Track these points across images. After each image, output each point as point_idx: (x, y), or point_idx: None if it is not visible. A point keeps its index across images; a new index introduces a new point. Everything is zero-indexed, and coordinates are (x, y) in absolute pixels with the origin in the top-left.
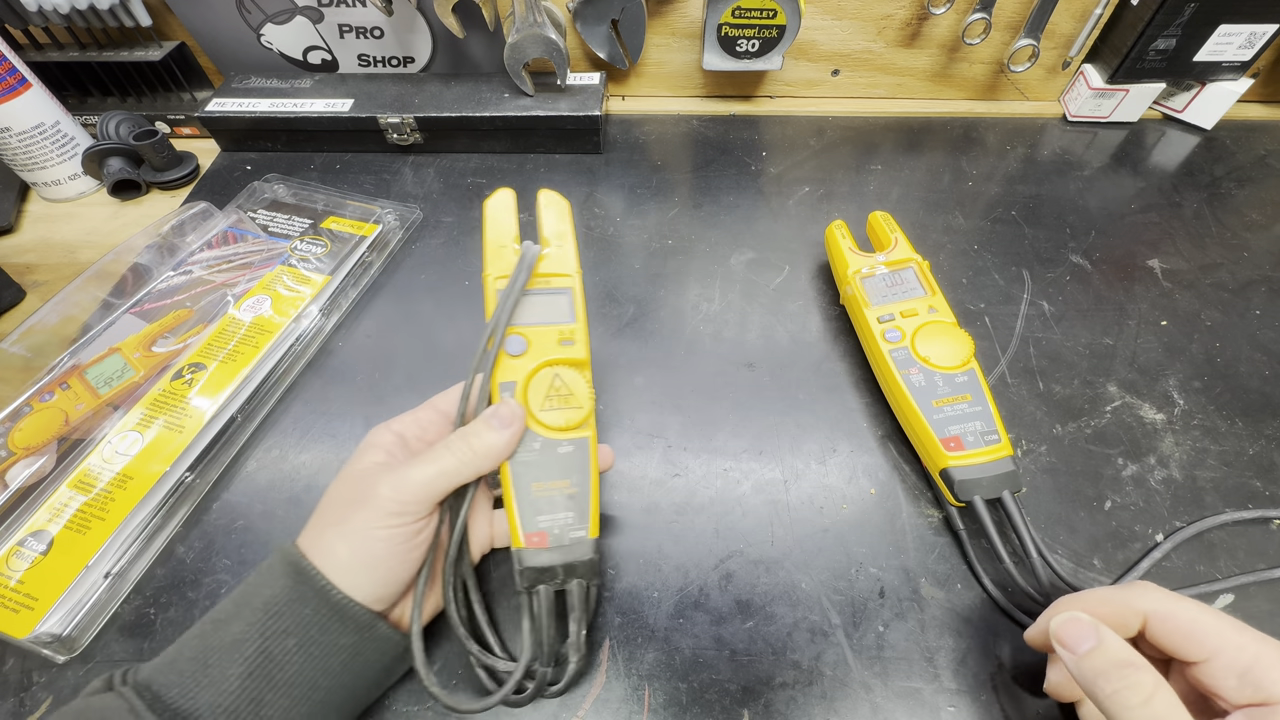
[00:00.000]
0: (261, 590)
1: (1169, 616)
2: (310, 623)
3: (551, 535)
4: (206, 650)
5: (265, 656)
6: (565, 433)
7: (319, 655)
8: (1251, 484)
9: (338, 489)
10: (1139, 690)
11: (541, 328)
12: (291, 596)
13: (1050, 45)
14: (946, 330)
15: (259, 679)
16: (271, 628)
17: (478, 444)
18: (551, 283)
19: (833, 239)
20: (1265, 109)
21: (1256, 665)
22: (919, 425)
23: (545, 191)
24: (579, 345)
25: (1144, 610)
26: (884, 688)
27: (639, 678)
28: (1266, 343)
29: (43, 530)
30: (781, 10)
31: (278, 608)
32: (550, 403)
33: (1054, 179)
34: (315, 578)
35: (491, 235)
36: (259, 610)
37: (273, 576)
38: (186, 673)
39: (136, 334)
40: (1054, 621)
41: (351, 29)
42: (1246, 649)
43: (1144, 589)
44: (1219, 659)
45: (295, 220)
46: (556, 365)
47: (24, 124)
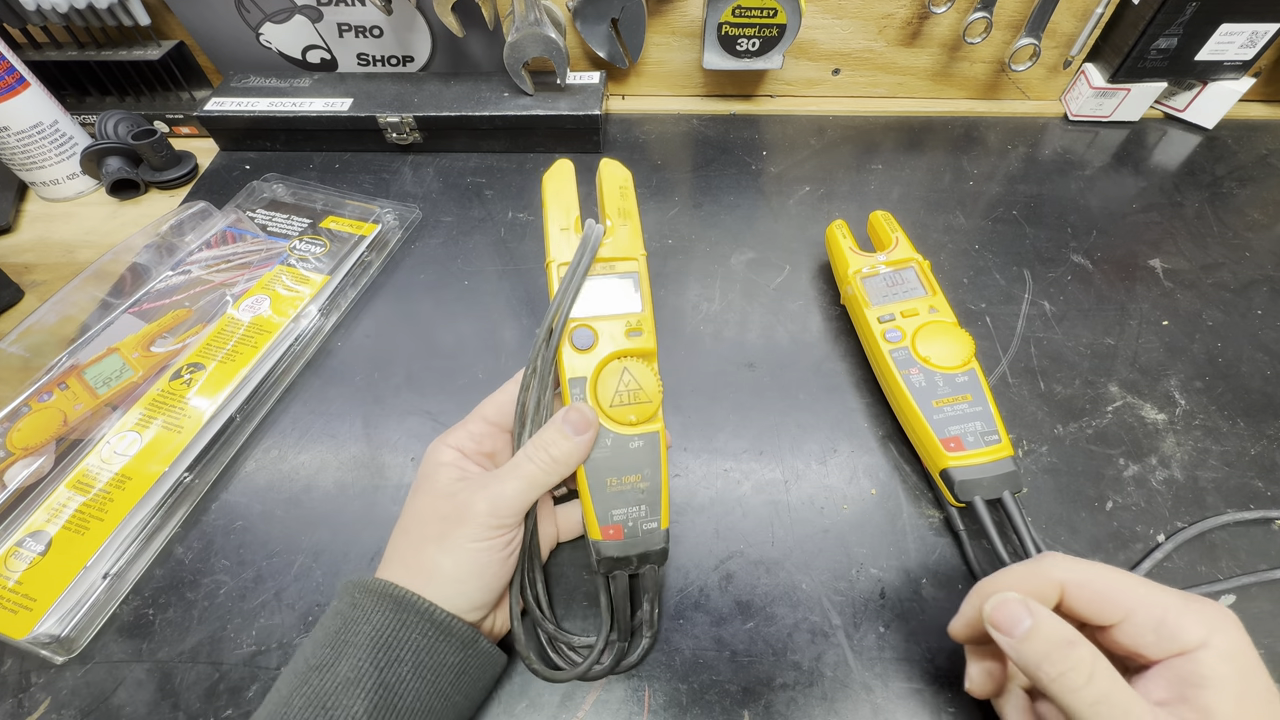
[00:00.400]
0: (360, 627)
1: (1086, 583)
2: (420, 646)
3: (626, 528)
4: (321, 695)
5: (384, 688)
6: (636, 427)
7: (431, 677)
8: (1253, 484)
9: (425, 507)
10: (1081, 669)
11: (608, 318)
12: (396, 625)
13: (1051, 44)
14: (947, 330)
15: (383, 710)
16: (384, 659)
17: (556, 453)
18: (616, 266)
19: (833, 238)
20: (1267, 108)
21: (1168, 617)
22: (919, 425)
23: (607, 161)
24: (647, 335)
25: (1060, 580)
26: (885, 689)
27: (639, 678)
28: (1268, 343)
29: (41, 531)
30: (782, 9)
31: (385, 639)
32: (620, 398)
33: (1055, 178)
34: (417, 602)
35: (553, 215)
36: (366, 646)
37: (366, 612)
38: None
39: (135, 334)
40: (987, 606)
41: (351, 28)
42: (1158, 603)
43: (1054, 559)
44: (1134, 617)
45: (294, 220)
46: (625, 358)
47: (22, 123)
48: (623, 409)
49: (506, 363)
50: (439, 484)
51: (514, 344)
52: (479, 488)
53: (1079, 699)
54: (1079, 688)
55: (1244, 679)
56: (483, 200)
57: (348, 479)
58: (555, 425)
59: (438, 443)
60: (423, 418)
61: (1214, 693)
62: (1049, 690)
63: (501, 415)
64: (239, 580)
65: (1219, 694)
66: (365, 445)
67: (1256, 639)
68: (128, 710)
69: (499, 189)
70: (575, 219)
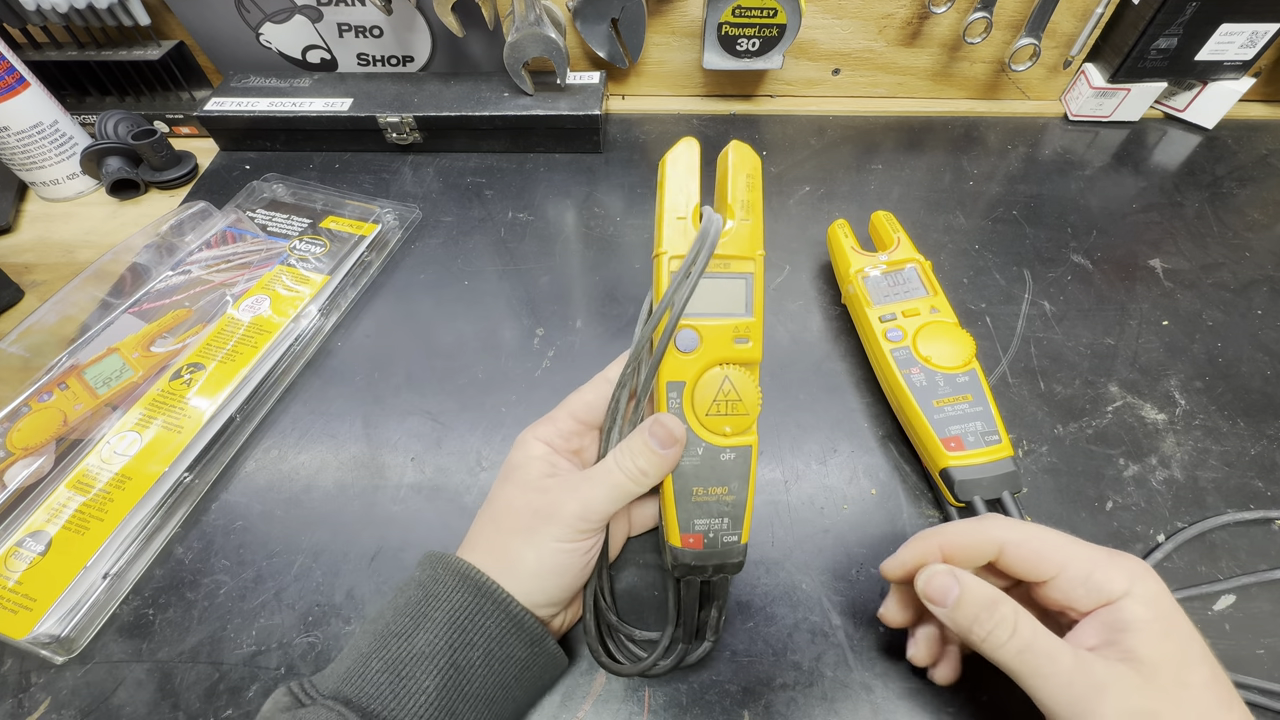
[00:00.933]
0: (440, 604)
1: (1022, 543)
2: (492, 635)
3: (706, 539)
4: (397, 662)
5: (456, 669)
6: (730, 439)
7: (499, 668)
8: (1253, 484)
9: (516, 498)
10: (1005, 625)
11: (715, 321)
12: (474, 610)
13: (1051, 44)
14: (948, 330)
15: (452, 692)
16: (459, 640)
17: (644, 464)
18: (731, 265)
19: (835, 238)
20: (1267, 108)
21: (1095, 570)
22: (920, 425)
23: (738, 145)
24: (755, 343)
25: (999, 539)
26: (885, 689)
27: (639, 679)
28: (1268, 343)
29: (41, 531)
30: (782, 9)
31: (462, 621)
32: (718, 408)
33: (1055, 178)
34: (495, 590)
35: (670, 201)
36: (444, 624)
37: (447, 589)
38: (383, 684)
39: (135, 334)
40: (919, 580)
41: (351, 28)
42: (1086, 559)
43: (995, 520)
44: (1065, 572)
45: (294, 220)
46: (728, 366)
47: (22, 123)
48: (718, 419)
49: (506, 363)
50: (530, 476)
51: (514, 344)
52: (571, 489)
53: (1006, 651)
54: (1005, 642)
55: (1162, 621)
56: (483, 200)
57: (348, 479)
58: (641, 436)
59: (528, 434)
60: (423, 418)
61: (1136, 635)
62: (981, 649)
63: (591, 414)
64: (239, 580)
65: (1141, 635)
66: (365, 445)
67: (1257, 639)
68: (128, 710)
69: (499, 189)
70: (695, 208)
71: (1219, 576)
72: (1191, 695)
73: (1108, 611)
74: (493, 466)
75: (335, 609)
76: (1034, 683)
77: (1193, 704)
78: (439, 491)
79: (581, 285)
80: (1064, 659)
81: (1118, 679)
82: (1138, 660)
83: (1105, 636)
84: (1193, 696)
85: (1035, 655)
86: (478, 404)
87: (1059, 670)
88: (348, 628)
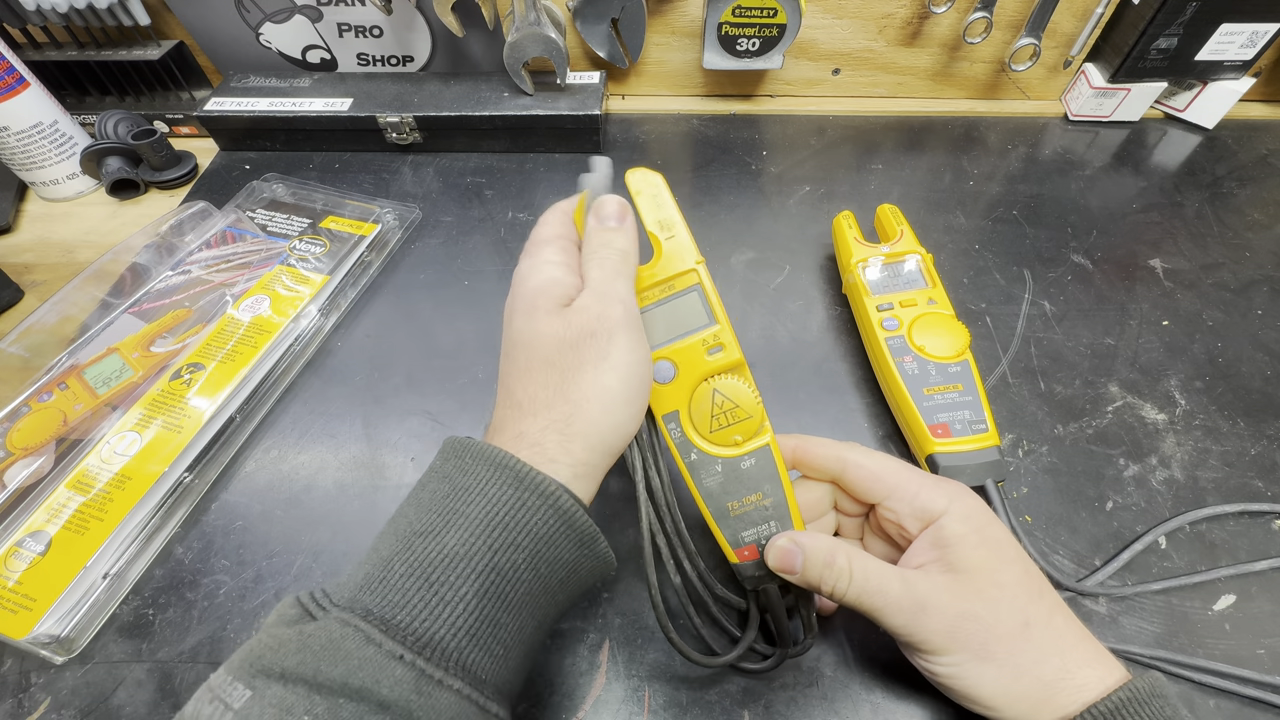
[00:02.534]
0: (473, 498)
1: (863, 465)
2: (540, 535)
3: (760, 545)
4: (425, 566)
5: (497, 573)
6: (743, 447)
7: (545, 572)
8: (1253, 484)
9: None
10: (842, 575)
11: (683, 343)
12: (516, 505)
13: (1051, 44)
14: (943, 321)
15: (493, 599)
16: (499, 541)
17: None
18: (675, 285)
19: (840, 229)
20: (1267, 108)
21: (922, 492)
22: (908, 411)
23: (632, 172)
24: (728, 348)
25: (846, 459)
26: (885, 689)
27: (639, 679)
28: (1268, 343)
29: (41, 531)
30: (782, 9)
31: (503, 518)
32: (718, 422)
33: (1055, 178)
34: (542, 482)
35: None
36: (480, 521)
37: (481, 482)
38: (411, 591)
39: (135, 334)
40: (770, 558)
41: (350, 28)
42: (912, 482)
43: (852, 446)
44: (896, 494)
45: (294, 220)
46: (713, 379)
47: (22, 123)
48: (724, 432)
49: None
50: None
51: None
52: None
53: (847, 596)
54: (845, 589)
55: (976, 533)
56: (483, 200)
57: (348, 479)
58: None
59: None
60: (423, 418)
61: (954, 548)
62: (830, 599)
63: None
64: (239, 580)
65: (959, 547)
66: (365, 445)
67: (1257, 639)
68: (128, 710)
69: (499, 189)
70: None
71: (1219, 577)
72: (1005, 593)
73: (931, 531)
74: None
75: None
76: (874, 614)
77: (1007, 600)
78: None
79: None
80: (893, 587)
81: (938, 591)
82: (956, 570)
83: (933, 553)
84: (1006, 594)
85: (869, 593)
86: (478, 404)
87: (890, 598)
88: None
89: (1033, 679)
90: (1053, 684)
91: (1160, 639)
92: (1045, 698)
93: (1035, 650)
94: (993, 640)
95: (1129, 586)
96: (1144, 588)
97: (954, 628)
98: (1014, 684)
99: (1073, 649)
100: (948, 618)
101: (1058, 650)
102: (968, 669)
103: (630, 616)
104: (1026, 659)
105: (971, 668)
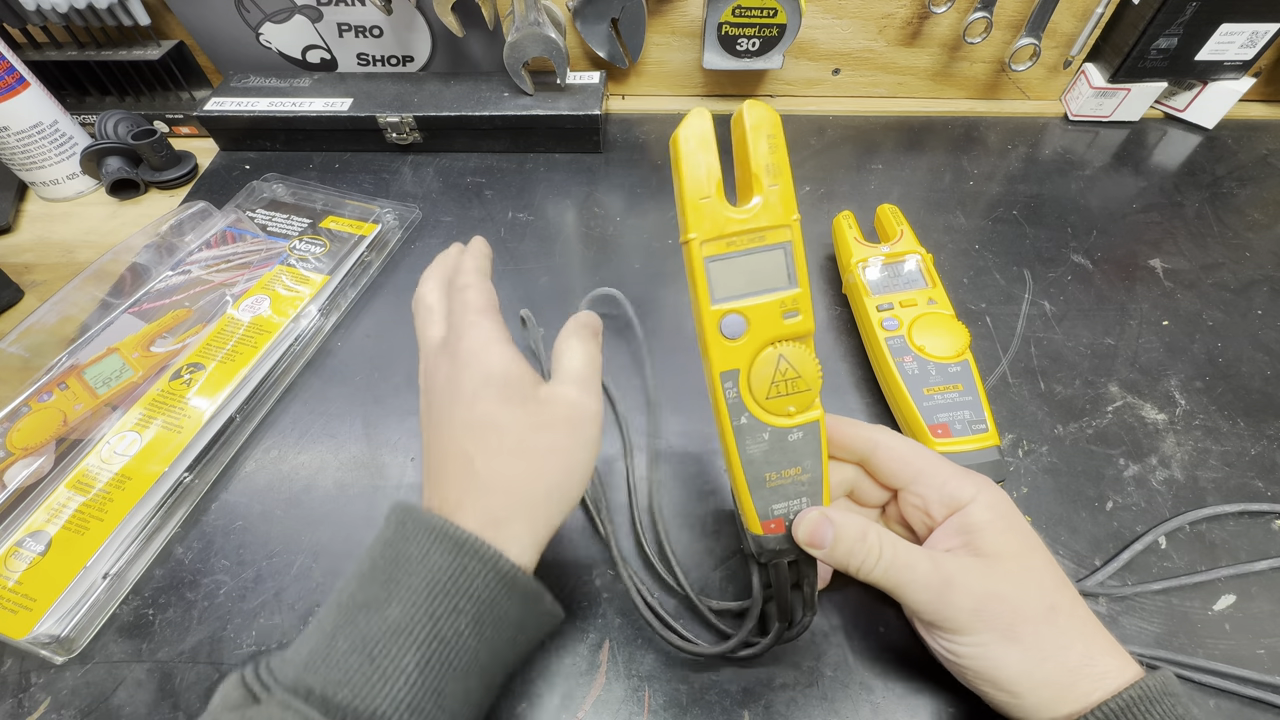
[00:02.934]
0: (414, 567)
1: (892, 448)
2: (482, 599)
3: (788, 520)
4: (366, 641)
5: (439, 641)
6: (794, 418)
7: (490, 634)
8: (1253, 484)
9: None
10: (873, 551)
11: (759, 300)
12: (457, 571)
13: (1051, 44)
14: (943, 321)
15: (436, 667)
16: (441, 609)
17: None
18: (766, 237)
19: (839, 229)
20: (1267, 108)
21: (950, 481)
22: (908, 411)
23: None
24: (804, 315)
25: (875, 440)
26: (885, 689)
27: (639, 679)
28: (1268, 343)
29: (41, 531)
30: (782, 9)
31: (444, 586)
32: (777, 389)
33: (1055, 178)
34: (481, 548)
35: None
36: (421, 591)
37: (423, 549)
38: (353, 668)
39: (135, 334)
40: (799, 532)
41: (350, 28)
42: (940, 471)
43: (881, 428)
44: (922, 480)
45: (294, 220)
46: (782, 344)
47: (22, 123)
48: (780, 400)
49: None
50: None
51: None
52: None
53: (876, 573)
54: (874, 566)
55: (1003, 519)
56: (483, 200)
57: (348, 479)
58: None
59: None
60: None
61: (983, 532)
62: (857, 576)
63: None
64: (239, 580)
65: (986, 532)
66: (365, 445)
67: (1257, 639)
68: (128, 710)
69: (499, 189)
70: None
71: (1219, 578)
72: (1033, 577)
73: (959, 517)
74: None
75: None
76: (901, 590)
77: (1034, 584)
78: None
79: (581, 285)
80: (921, 564)
81: (966, 570)
82: (984, 553)
83: (959, 539)
84: (1034, 578)
85: (898, 568)
86: None
87: (918, 574)
88: None
89: (1057, 664)
90: (1076, 670)
91: (1160, 639)
92: (1069, 683)
93: (1061, 635)
94: (1020, 621)
95: (1129, 586)
96: (1144, 588)
97: (981, 606)
98: (1038, 668)
99: (1094, 638)
100: (975, 596)
101: (1082, 637)
102: (993, 650)
103: (630, 616)
104: (1052, 643)
105: (997, 648)
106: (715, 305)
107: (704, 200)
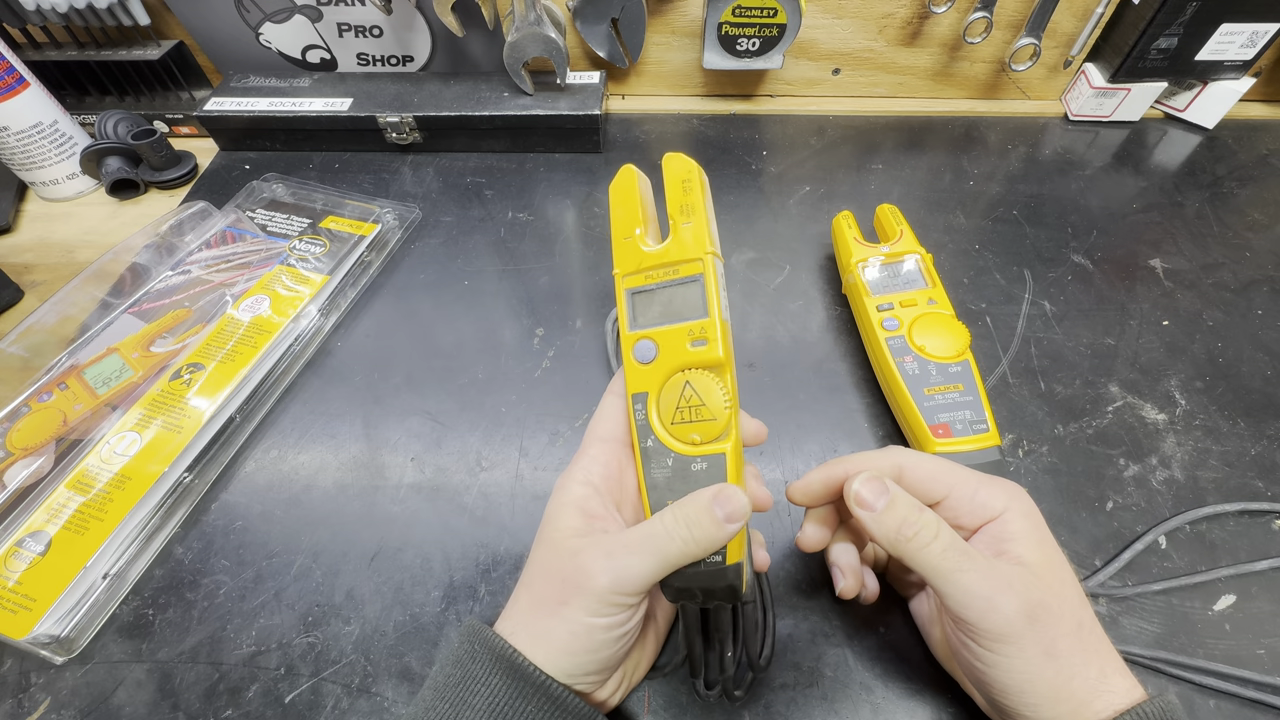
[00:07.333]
0: (478, 688)
1: (918, 466)
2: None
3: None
4: None
5: None
6: (700, 448)
7: None
8: (1253, 484)
9: (548, 560)
10: (930, 527)
11: (670, 328)
12: (514, 695)
13: (1052, 44)
14: (943, 321)
15: None
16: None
17: (700, 535)
18: (680, 270)
19: (839, 229)
20: (1267, 108)
21: (980, 490)
22: (909, 411)
23: (670, 156)
24: (712, 343)
25: (899, 463)
26: (885, 689)
27: None
28: (1268, 343)
29: (41, 531)
30: (782, 9)
31: (503, 708)
32: (681, 415)
33: (1055, 178)
34: (534, 674)
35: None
36: (483, 711)
37: (486, 670)
38: None
39: (135, 334)
40: (854, 484)
41: (350, 28)
42: (970, 482)
43: (896, 449)
44: (955, 493)
45: (294, 220)
46: (689, 371)
47: (22, 123)
48: (684, 428)
49: (506, 363)
50: (561, 533)
51: (514, 344)
52: (605, 554)
53: (931, 551)
54: (930, 541)
55: (1037, 531)
56: (483, 200)
57: (348, 479)
58: (704, 504)
59: (566, 478)
60: (423, 418)
61: (1019, 543)
62: (904, 551)
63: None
64: (239, 580)
65: (1023, 543)
66: (365, 445)
67: (1257, 639)
68: (128, 710)
69: (499, 189)
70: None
71: (1219, 578)
72: (1068, 590)
73: (993, 526)
74: (492, 466)
75: (335, 609)
76: (955, 578)
77: (1070, 596)
78: (439, 492)
79: (581, 285)
80: (980, 560)
81: (1019, 576)
82: (1024, 564)
83: (995, 547)
84: (1069, 591)
85: (957, 553)
86: (477, 404)
87: (977, 566)
88: (347, 628)
89: (1082, 681)
90: (1095, 687)
91: (1160, 639)
92: (1086, 700)
93: (1086, 653)
94: (1060, 637)
95: (1129, 587)
96: (1144, 588)
97: (1034, 616)
98: (1066, 684)
99: (1109, 656)
100: (1030, 605)
101: (1099, 654)
102: (1033, 663)
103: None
104: (1079, 660)
105: (1036, 662)
106: (630, 331)
107: (625, 240)
